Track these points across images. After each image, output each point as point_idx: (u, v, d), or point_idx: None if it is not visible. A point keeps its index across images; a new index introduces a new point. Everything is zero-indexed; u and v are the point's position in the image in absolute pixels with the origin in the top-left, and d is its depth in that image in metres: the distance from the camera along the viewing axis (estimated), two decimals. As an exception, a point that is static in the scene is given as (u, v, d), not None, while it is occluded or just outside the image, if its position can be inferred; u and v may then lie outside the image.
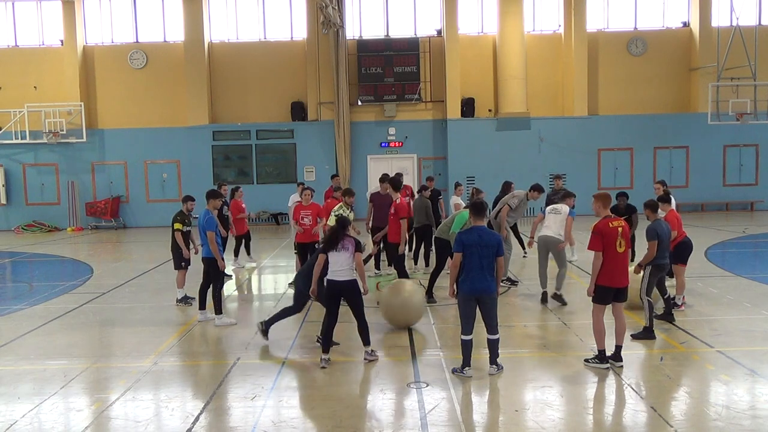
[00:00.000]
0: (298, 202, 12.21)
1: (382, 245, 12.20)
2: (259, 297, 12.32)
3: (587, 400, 6.57)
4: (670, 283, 9.56)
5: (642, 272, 8.51)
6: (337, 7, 22.32)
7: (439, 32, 23.91)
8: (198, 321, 9.73)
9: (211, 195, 9.95)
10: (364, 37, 24.03)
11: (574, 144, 23.37)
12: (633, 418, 6.14)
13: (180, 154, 23.76)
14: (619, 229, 7.15)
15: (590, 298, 7.35)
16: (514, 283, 11.66)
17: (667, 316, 9.01)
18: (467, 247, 6.99)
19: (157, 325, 9.69)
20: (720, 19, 23.35)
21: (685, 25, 24.34)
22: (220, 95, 24.27)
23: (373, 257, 12.97)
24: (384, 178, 12.51)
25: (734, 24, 21.89)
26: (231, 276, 13.10)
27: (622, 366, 7.21)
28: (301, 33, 24.15)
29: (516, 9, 22.79)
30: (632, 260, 11.89)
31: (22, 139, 23.14)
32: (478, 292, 7.00)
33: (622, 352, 7.33)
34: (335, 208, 10.96)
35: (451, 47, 23.18)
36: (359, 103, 23.76)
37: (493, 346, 7.13)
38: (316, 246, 11.35)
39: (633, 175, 23.27)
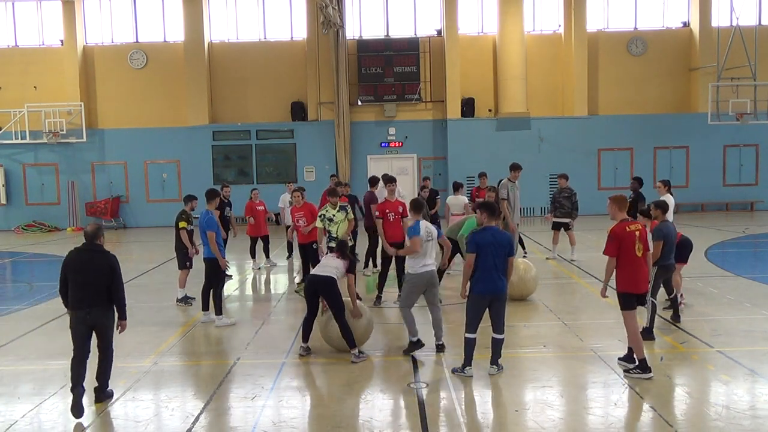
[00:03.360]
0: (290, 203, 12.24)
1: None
2: (260, 297, 12.31)
3: (587, 400, 6.57)
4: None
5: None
6: (337, 7, 22.30)
7: (439, 32, 23.90)
8: (201, 322, 9.74)
9: (211, 195, 9.97)
10: (364, 37, 24.03)
11: (574, 144, 23.36)
12: (633, 418, 6.15)
13: (180, 154, 23.75)
14: (637, 232, 7.02)
15: (596, 300, 7.33)
16: None
17: (674, 316, 9.02)
18: (482, 248, 6.96)
19: (157, 325, 9.70)
20: (720, 19, 23.33)
21: (685, 25, 24.33)
22: (220, 95, 24.27)
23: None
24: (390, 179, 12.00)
25: (734, 24, 21.89)
26: (231, 276, 13.10)
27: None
28: (301, 33, 24.14)
29: (516, 9, 22.78)
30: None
31: (22, 139, 23.12)
32: (493, 293, 6.99)
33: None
34: (321, 209, 10.84)
35: (451, 47, 23.17)
36: (359, 103, 23.75)
37: (497, 346, 7.13)
38: (314, 246, 11.35)
39: (633, 175, 23.20)
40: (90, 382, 6.54)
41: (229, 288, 12.18)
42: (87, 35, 24.20)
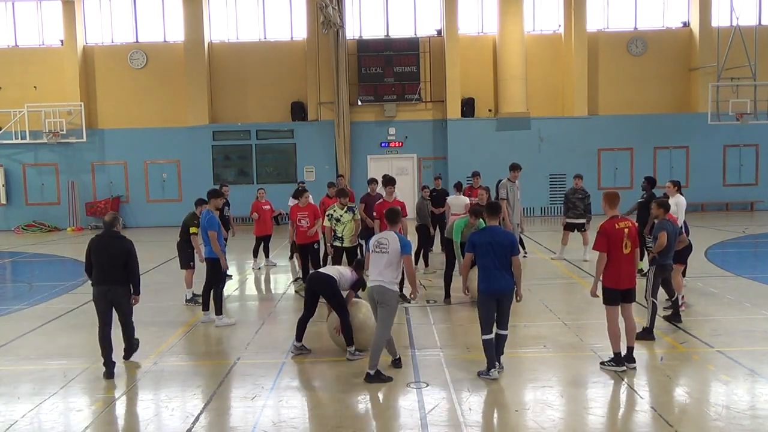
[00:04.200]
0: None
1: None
2: (260, 297, 12.30)
3: (587, 400, 6.57)
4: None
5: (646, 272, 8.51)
6: (337, 7, 22.31)
7: (439, 32, 23.90)
8: (201, 322, 9.74)
9: (212, 195, 9.97)
10: (364, 37, 24.02)
11: (574, 144, 23.36)
12: (633, 418, 6.15)
13: (180, 154, 23.75)
14: (626, 230, 7.09)
15: (596, 299, 7.34)
16: None
17: (675, 317, 9.02)
18: (478, 247, 6.96)
19: (157, 325, 9.69)
20: (720, 19, 23.33)
21: (685, 25, 24.33)
22: (220, 95, 24.27)
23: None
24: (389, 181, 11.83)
25: (734, 24, 21.88)
26: (231, 276, 13.10)
27: (635, 367, 7.19)
28: (301, 33, 24.14)
29: (516, 9, 22.78)
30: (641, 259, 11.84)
31: (22, 139, 23.12)
32: (498, 292, 6.98)
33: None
34: (329, 208, 10.89)
35: (451, 47, 23.17)
36: (359, 103, 23.75)
37: (500, 343, 7.11)
38: (315, 246, 11.36)
39: (633, 175, 23.25)
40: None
41: (229, 288, 12.17)
42: (87, 35, 24.20)
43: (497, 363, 7.10)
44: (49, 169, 23.78)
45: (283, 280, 13.20)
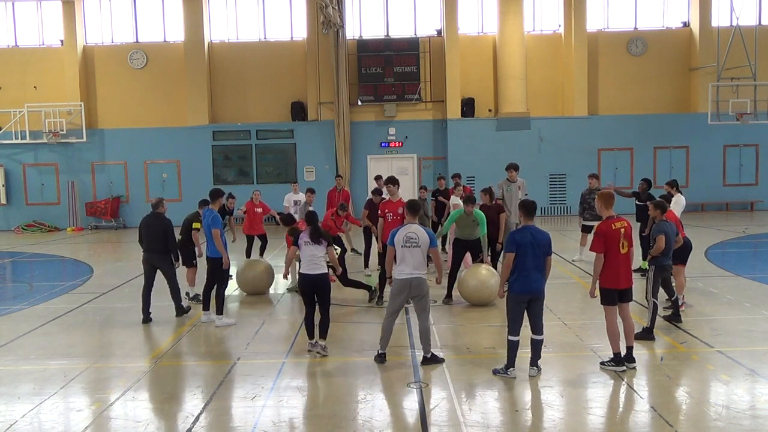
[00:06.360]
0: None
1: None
2: (260, 297, 12.28)
3: (587, 400, 6.57)
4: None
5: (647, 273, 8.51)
6: (337, 7, 22.31)
7: (439, 32, 23.91)
8: (201, 321, 9.74)
9: (215, 194, 10.00)
10: (364, 37, 24.03)
11: (574, 144, 23.37)
12: (633, 419, 6.14)
13: (180, 154, 23.76)
14: (622, 230, 7.10)
15: (594, 299, 7.35)
16: None
17: (675, 317, 9.01)
18: (521, 247, 6.91)
19: (157, 325, 9.70)
20: (720, 19, 23.35)
21: (685, 25, 24.34)
22: (220, 95, 24.27)
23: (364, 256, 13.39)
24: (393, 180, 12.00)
25: (734, 24, 21.89)
26: (232, 276, 13.07)
27: (635, 367, 7.20)
28: (301, 33, 24.15)
29: (516, 9, 22.79)
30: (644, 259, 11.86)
31: (22, 139, 23.14)
32: (532, 293, 6.96)
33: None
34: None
35: (451, 47, 23.18)
36: (359, 103, 23.75)
37: (537, 347, 7.10)
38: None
39: (633, 175, 23.25)
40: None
41: (230, 288, 12.15)
42: (87, 35, 24.21)
43: (535, 366, 7.09)
44: (49, 169, 23.78)
45: (283, 280, 13.18)
